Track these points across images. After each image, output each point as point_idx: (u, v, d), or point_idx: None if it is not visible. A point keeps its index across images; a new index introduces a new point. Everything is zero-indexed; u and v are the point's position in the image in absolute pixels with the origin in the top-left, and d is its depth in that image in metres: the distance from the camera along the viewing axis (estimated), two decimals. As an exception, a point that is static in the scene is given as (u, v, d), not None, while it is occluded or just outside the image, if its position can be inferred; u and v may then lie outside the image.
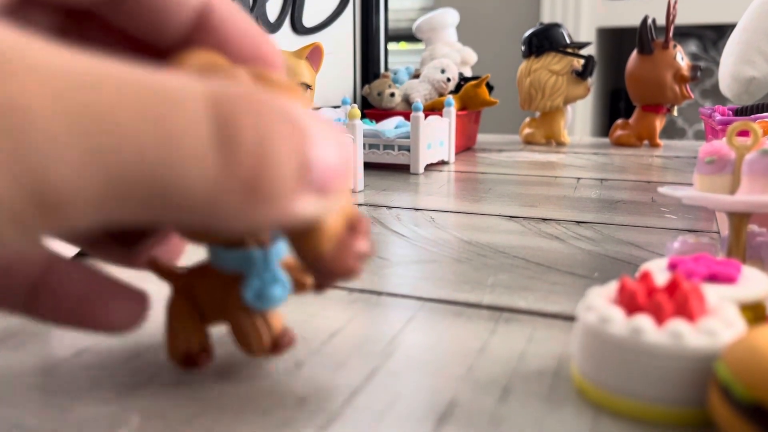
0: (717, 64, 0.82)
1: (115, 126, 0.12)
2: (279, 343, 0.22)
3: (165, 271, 0.24)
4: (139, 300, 0.22)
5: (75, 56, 0.13)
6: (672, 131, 2.02)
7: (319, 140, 0.15)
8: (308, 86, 0.46)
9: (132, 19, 0.20)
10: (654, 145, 0.94)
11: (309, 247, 0.19)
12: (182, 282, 0.23)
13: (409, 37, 1.73)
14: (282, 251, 0.22)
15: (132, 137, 0.12)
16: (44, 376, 0.23)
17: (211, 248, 0.23)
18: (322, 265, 0.19)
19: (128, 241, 0.23)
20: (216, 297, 0.23)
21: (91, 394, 0.22)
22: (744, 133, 0.32)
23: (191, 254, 0.25)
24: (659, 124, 0.94)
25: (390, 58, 0.99)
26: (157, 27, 0.20)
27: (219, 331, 0.25)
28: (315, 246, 0.19)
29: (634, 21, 0.93)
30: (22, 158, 0.12)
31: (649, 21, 0.89)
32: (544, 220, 0.49)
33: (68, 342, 0.26)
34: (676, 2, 0.89)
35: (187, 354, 0.23)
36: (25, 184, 0.12)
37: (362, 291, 0.32)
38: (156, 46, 0.21)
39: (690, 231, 0.45)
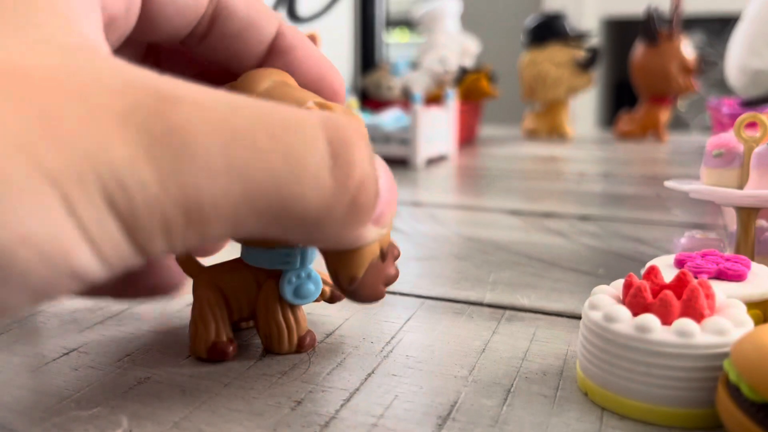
0: (722, 55, 0.81)
1: (252, 146, 0.14)
2: (303, 343, 0.24)
3: (191, 265, 0.24)
4: (176, 271, 0.23)
5: (215, 91, 0.15)
6: (676, 124, 2.00)
7: (381, 175, 0.17)
8: None
9: (214, 50, 0.22)
10: (659, 137, 0.93)
11: (346, 271, 0.20)
12: (209, 276, 0.24)
13: (407, 23, 1.71)
14: (314, 253, 0.24)
15: (265, 156, 0.14)
16: (32, 377, 0.22)
17: (249, 248, 0.24)
18: (354, 287, 0.20)
19: None
20: (247, 293, 0.24)
21: (79, 395, 0.21)
22: (752, 125, 0.31)
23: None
24: (664, 116, 0.93)
25: (390, 52, 0.98)
26: (236, 56, 0.22)
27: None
28: (352, 270, 0.20)
29: (640, 11, 0.91)
30: (180, 173, 0.13)
31: (654, 11, 0.88)
32: (547, 215, 0.48)
33: (57, 342, 0.25)
34: (680, -7, 0.88)
35: (215, 344, 0.23)
36: (179, 196, 0.13)
37: (361, 288, 0.32)
38: (225, 74, 0.23)
39: (696, 226, 0.44)
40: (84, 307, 0.29)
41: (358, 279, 0.20)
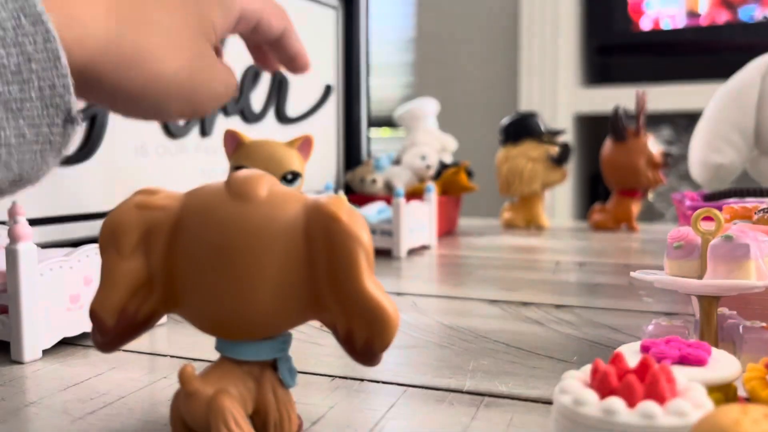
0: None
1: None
2: (301, 424, 0.26)
3: (193, 381, 0.23)
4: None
5: None
6: (650, 214, 2.06)
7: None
8: (298, 174, 0.48)
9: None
10: (631, 228, 0.96)
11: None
12: (215, 386, 0.23)
13: (389, 122, 1.79)
14: None
15: None
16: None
17: (242, 343, 0.24)
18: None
19: None
20: (248, 390, 0.24)
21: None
22: (708, 218, 0.34)
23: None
24: (635, 208, 0.97)
25: (372, 145, 1.03)
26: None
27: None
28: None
29: (611, 108, 0.97)
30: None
31: (620, 110, 0.93)
32: (525, 304, 0.50)
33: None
34: (644, 93, 0.94)
35: None
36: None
37: (344, 377, 0.33)
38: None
39: (666, 314, 0.46)
40: (75, 397, 0.29)
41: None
